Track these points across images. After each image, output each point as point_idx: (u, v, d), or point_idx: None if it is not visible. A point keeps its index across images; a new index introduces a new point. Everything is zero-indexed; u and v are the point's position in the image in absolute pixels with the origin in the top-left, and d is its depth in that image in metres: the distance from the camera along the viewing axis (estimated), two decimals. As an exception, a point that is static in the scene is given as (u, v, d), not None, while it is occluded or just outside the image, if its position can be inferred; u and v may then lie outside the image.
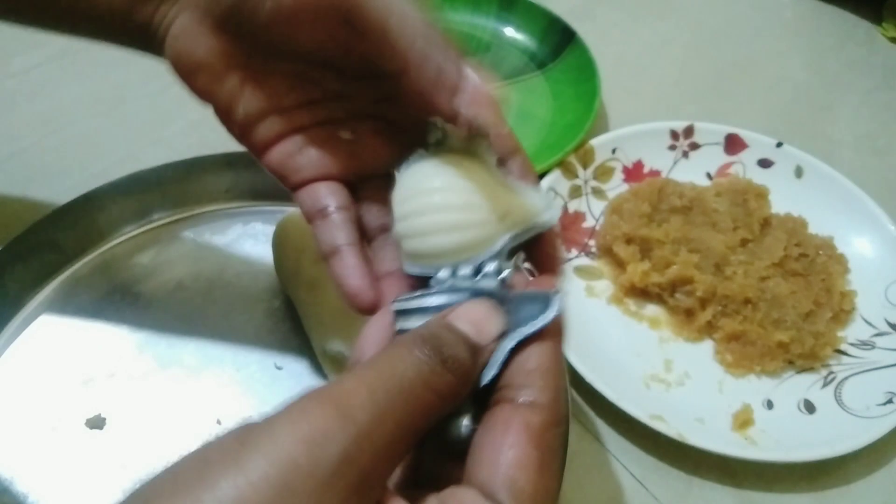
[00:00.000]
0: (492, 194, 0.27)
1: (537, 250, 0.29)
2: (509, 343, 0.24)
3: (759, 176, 0.56)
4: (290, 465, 0.17)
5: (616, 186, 0.56)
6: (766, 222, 0.52)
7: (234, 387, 0.42)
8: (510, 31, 0.68)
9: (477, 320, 0.24)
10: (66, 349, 0.44)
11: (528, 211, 0.28)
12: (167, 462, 0.18)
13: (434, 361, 0.21)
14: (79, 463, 0.39)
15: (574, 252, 0.52)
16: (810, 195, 0.55)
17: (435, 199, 0.27)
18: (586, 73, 0.61)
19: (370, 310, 0.29)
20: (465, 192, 0.27)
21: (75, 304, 0.46)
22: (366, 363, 0.21)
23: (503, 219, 0.27)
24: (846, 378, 0.46)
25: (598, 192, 0.55)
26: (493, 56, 0.66)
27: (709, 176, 0.57)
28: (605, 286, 0.51)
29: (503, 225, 0.27)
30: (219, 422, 0.41)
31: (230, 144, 0.34)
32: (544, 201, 0.28)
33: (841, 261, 0.51)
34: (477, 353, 0.23)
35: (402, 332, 0.26)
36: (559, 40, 0.65)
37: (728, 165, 0.57)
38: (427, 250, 0.27)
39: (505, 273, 0.26)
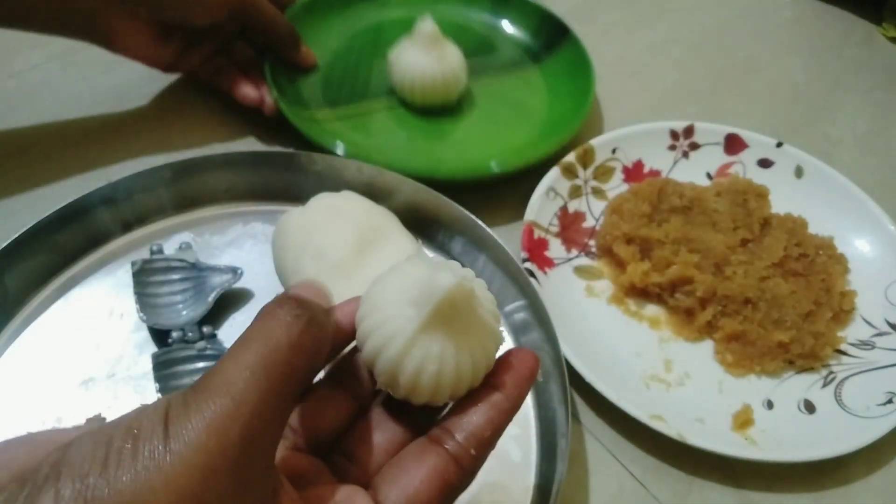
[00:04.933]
0: None
1: None
2: None
3: (759, 176, 0.56)
4: (203, 450, 0.20)
5: (616, 186, 0.56)
6: (766, 222, 0.52)
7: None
8: (506, 25, 0.68)
9: (314, 290, 0.26)
10: (66, 349, 0.44)
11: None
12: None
13: (302, 320, 0.23)
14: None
15: (574, 252, 0.52)
16: (810, 195, 0.55)
17: None
18: (581, 68, 0.61)
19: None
20: None
21: (75, 303, 0.46)
22: (239, 343, 0.22)
23: None
24: (846, 378, 0.46)
25: (598, 192, 0.55)
26: (488, 47, 0.66)
27: (709, 176, 0.57)
28: (605, 286, 0.51)
29: None
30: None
31: (230, 144, 0.34)
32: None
33: (841, 261, 0.51)
34: (328, 313, 0.26)
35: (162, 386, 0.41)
36: (553, 36, 0.65)
37: (728, 165, 0.57)
38: None
39: None
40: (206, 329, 0.44)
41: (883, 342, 0.48)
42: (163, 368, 0.42)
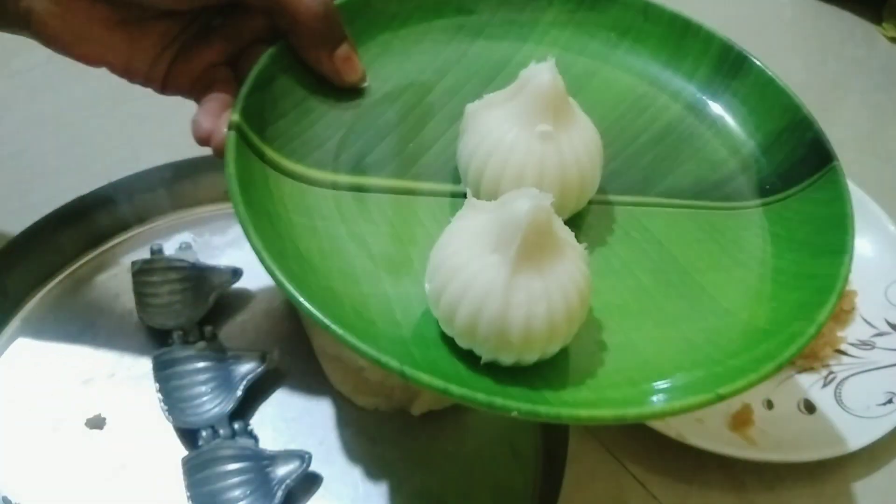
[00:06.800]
0: None
1: None
2: None
3: (759, 176, 0.56)
4: None
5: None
6: (766, 222, 0.52)
7: (234, 387, 0.42)
8: (718, 110, 0.40)
9: None
10: (65, 349, 0.44)
11: None
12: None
13: None
14: (79, 463, 0.39)
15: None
16: (810, 195, 0.55)
17: None
18: (832, 227, 0.33)
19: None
20: None
21: (75, 303, 0.46)
22: None
23: None
24: (846, 378, 0.46)
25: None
26: (663, 141, 0.38)
27: (709, 176, 0.57)
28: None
29: None
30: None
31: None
32: None
33: (841, 261, 0.51)
34: None
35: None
36: (801, 155, 0.37)
37: (728, 165, 0.57)
38: None
39: None
40: (206, 329, 0.44)
41: (883, 342, 0.48)
42: (163, 368, 0.42)
